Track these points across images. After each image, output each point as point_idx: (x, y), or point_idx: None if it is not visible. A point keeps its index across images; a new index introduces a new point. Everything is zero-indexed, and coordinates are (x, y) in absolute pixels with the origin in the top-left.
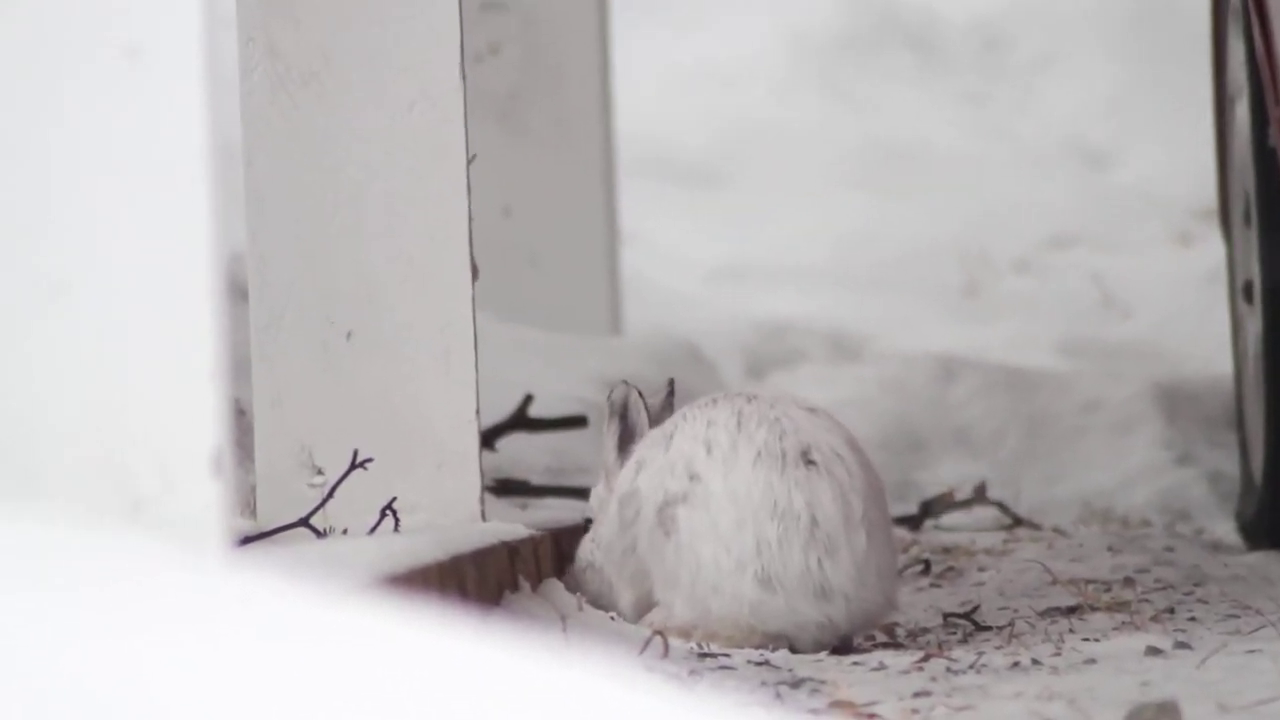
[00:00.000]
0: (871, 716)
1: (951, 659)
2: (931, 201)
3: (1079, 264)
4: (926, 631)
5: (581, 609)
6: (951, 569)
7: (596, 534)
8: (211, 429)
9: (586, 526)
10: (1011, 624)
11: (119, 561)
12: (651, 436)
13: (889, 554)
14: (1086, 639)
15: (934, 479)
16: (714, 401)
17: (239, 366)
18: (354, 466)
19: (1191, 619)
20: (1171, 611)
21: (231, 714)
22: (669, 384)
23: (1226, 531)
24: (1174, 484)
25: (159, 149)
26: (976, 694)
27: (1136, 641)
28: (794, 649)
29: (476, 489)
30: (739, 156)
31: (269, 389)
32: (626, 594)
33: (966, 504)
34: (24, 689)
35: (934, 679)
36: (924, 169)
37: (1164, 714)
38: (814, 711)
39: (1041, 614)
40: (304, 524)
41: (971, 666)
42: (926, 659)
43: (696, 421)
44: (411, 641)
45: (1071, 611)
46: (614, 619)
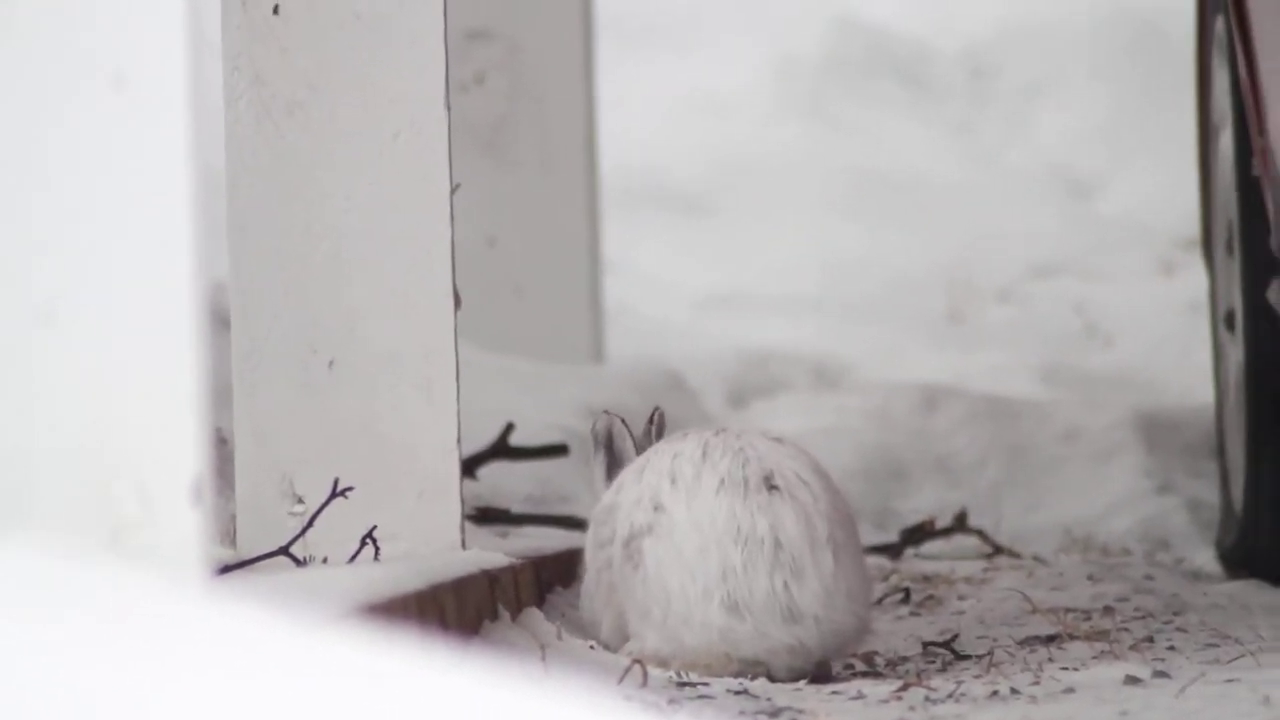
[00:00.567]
0: None
1: (930, 688)
2: (917, 230)
3: (1062, 292)
4: (906, 660)
5: (561, 638)
6: (931, 597)
7: (586, 575)
8: (192, 457)
9: (584, 570)
10: (991, 653)
11: (99, 589)
12: (632, 466)
13: (859, 576)
14: (1065, 668)
15: (915, 507)
16: (684, 436)
17: (220, 395)
18: (334, 495)
19: (1171, 648)
20: (1151, 640)
21: None
22: (655, 412)
23: (1206, 560)
24: (1154, 513)
25: (144, 177)
26: None
27: (1115, 670)
28: (771, 676)
29: (457, 517)
30: (724, 185)
31: (250, 417)
32: (605, 620)
33: (947, 532)
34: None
35: (913, 708)
36: (911, 197)
37: None
38: None
39: (1021, 643)
40: (284, 552)
41: (950, 696)
42: (905, 688)
43: (664, 455)
44: (391, 671)
45: (1051, 640)
46: (593, 648)
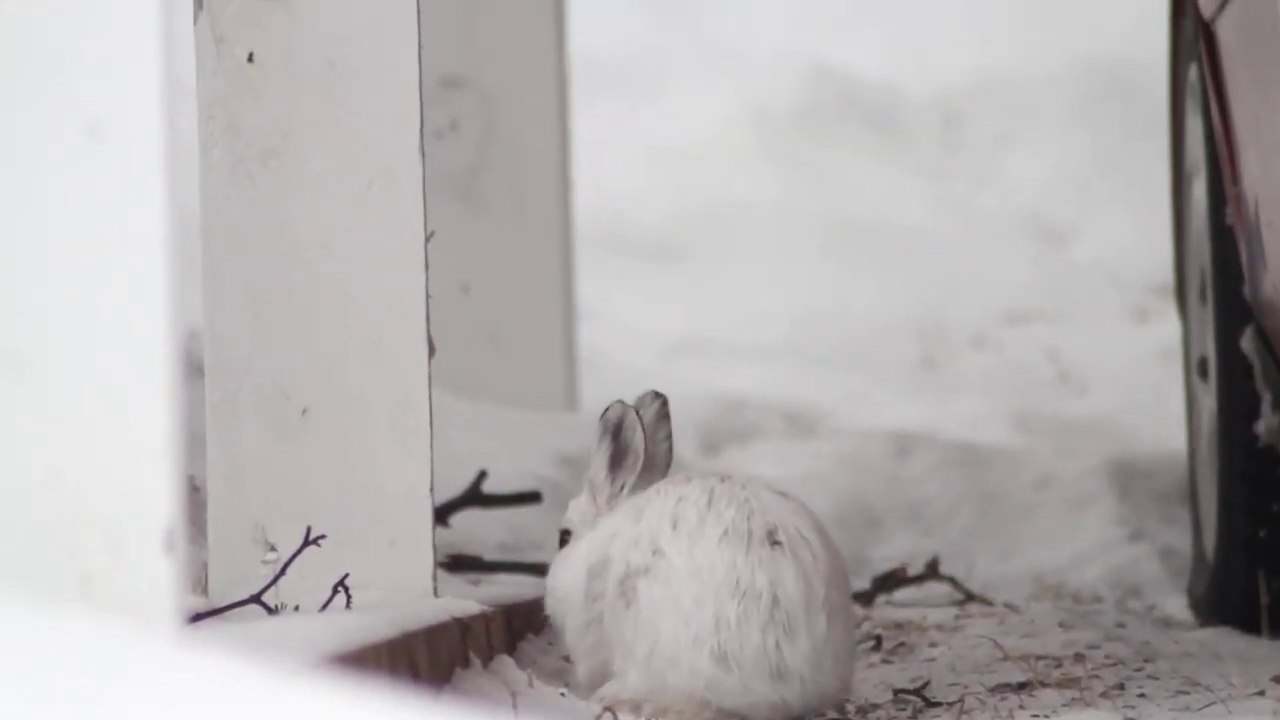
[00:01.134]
0: None
1: None
2: (890, 276)
3: (1035, 339)
4: (877, 707)
5: (532, 685)
6: (903, 644)
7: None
8: (165, 505)
9: (564, 539)
10: (962, 700)
11: (69, 637)
12: (624, 508)
13: (847, 639)
14: (1037, 715)
15: (887, 554)
16: (688, 479)
17: (193, 442)
18: (307, 543)
19: (1141, 695)
20: (1122, 688)
21: None
22: (658, 396)
23: (1178, 608)
24: (1126, 560)
25: (118, 224)
26: None
27: (1087, 718)
28: None
29: (429, 565)
30: (698, 231)
31: (223, 465)
32: (583, 664)
33: (919, 579)
34: None
35: None
36: (883, 244)
37: None
38: None
39: (992, 690)
40: (256, 601)
41: None
42: None
43: (668, 497)
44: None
45: (1022, 688)
46: (564, 695)
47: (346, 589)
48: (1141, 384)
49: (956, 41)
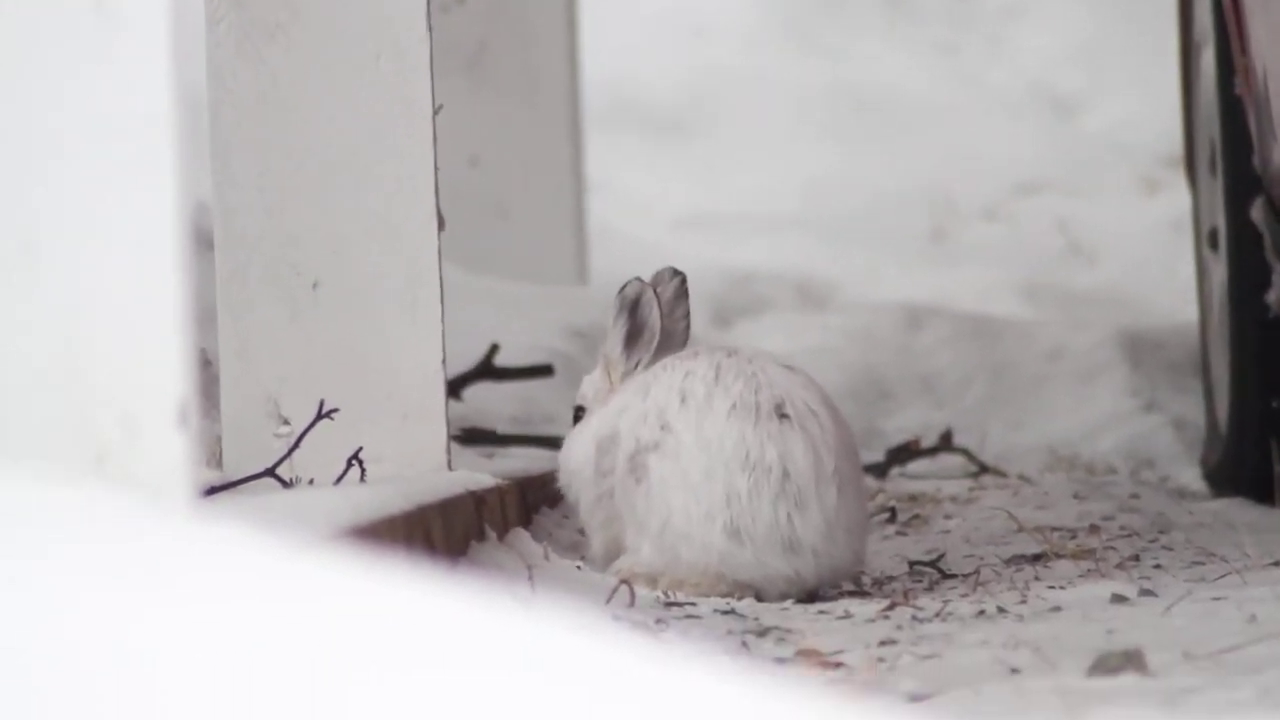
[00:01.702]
0: (837, 665)
1: (917, 607)
2: (900, 150)
3: (1046, 211)
4: (892, 580)
5: (548, 558)
6: (917, 517)
7: (583, 501)
8: (177, 380)
9: (578, 415)
10: (977, 572)
11: (84, 514)
12: (633, 384)
13: (859, 511)
14: (1052, 587)
15: (900, 427)
16: (695, 354)
17: (204, 317)
18: (320, 417)
19: (1157, 566)
20: (1137, 559)
21: (196, 664)
22: (677, 274)
23: (1191, 478)
24: (1139, 431)
25: (125, 100)
26: (942, 642)
27: (1102, 589)
28: (760, 598)
29: (442, 439)
30: (707, 106)
31: (235, 340)
32: (598, 538)
33: (932, 451)
34: None
35: (900, 627)
36: (893, 117)
37: (1129, 661)
38: (780, 660)
39: (1007, 562)
40: (270, 474)
41: (937, 615)
42: (892, 607)
43: (675, 372)
44: (376, 592)
45: (1037, 559)
46: (580, 568)
47: (360, 462)
48: (1152, 255)
49: None
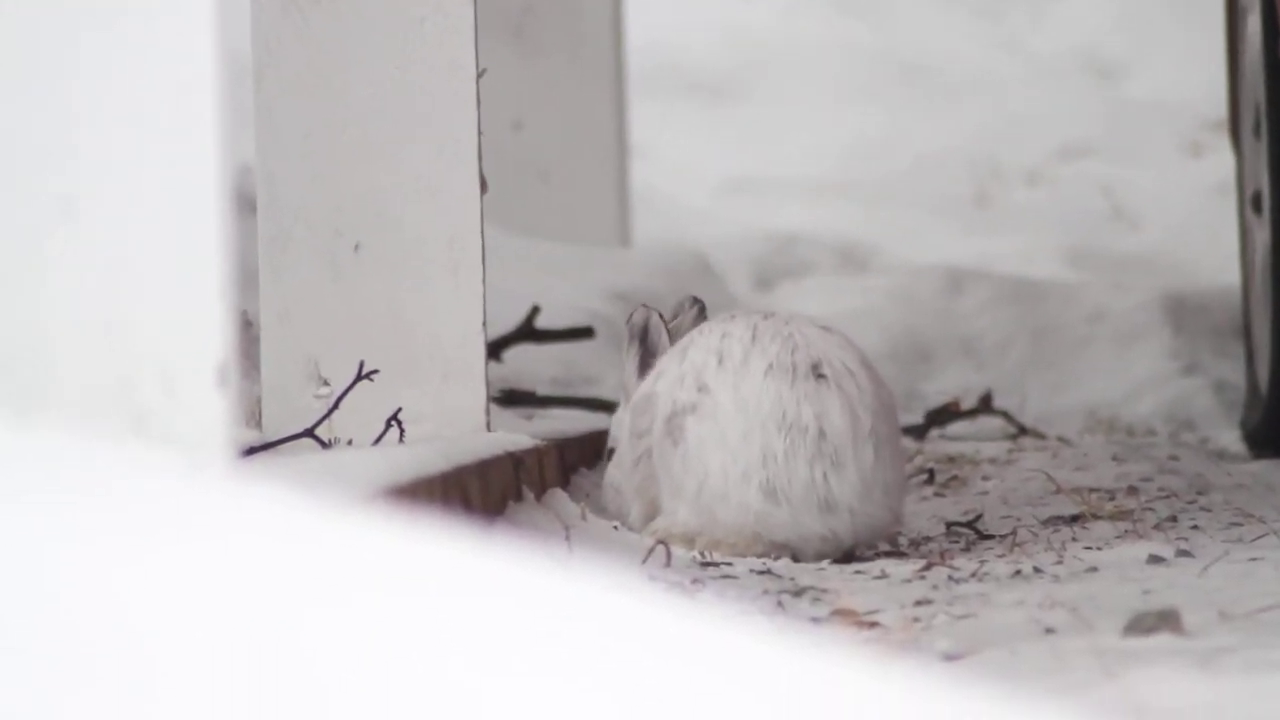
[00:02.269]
0: (873, 625)
1: (954, 567)
2: (943, 114)
3: (1089, 175)
4: (929, 540)
5: (585, 519)
6: (956, 478)
7: (621, 463)
8: (218, 341)
9: (609, 455)
10: (1014, 533)
11: (123, 473)
12: (673, 349)
13: (896, 470)
14: (1089, 547)
15: (940, 389)
16: (731, 317)
17: (246, 278)
18: (360, 378)
19: (1194, 527)
20: (1174, 520)
21: (234, 624)
22: (697, 302)
23: (1231, 440)
24: (1180, 393)
25: (169, 64)
26: (978, 602)
27: (1139, 550)
28: (796, 558)
29: (482, 400)
30: (750, 69)
31: (276, 301)
32: (636, 504)
33: (972, 413)
34: (30, 600)
35: (936, 587)
36: (936, 82)
37: (1165, 622)
38: (816, 620)
39: (1044, 523)
40: (309, 435)
41: (973, 575)
42: (929, 567)
43: (712, 334)
44: (415, 552)
45: (1074, 520)
46: (617, 528)
47: (399, 423)
48: (1195, 218)
49: None
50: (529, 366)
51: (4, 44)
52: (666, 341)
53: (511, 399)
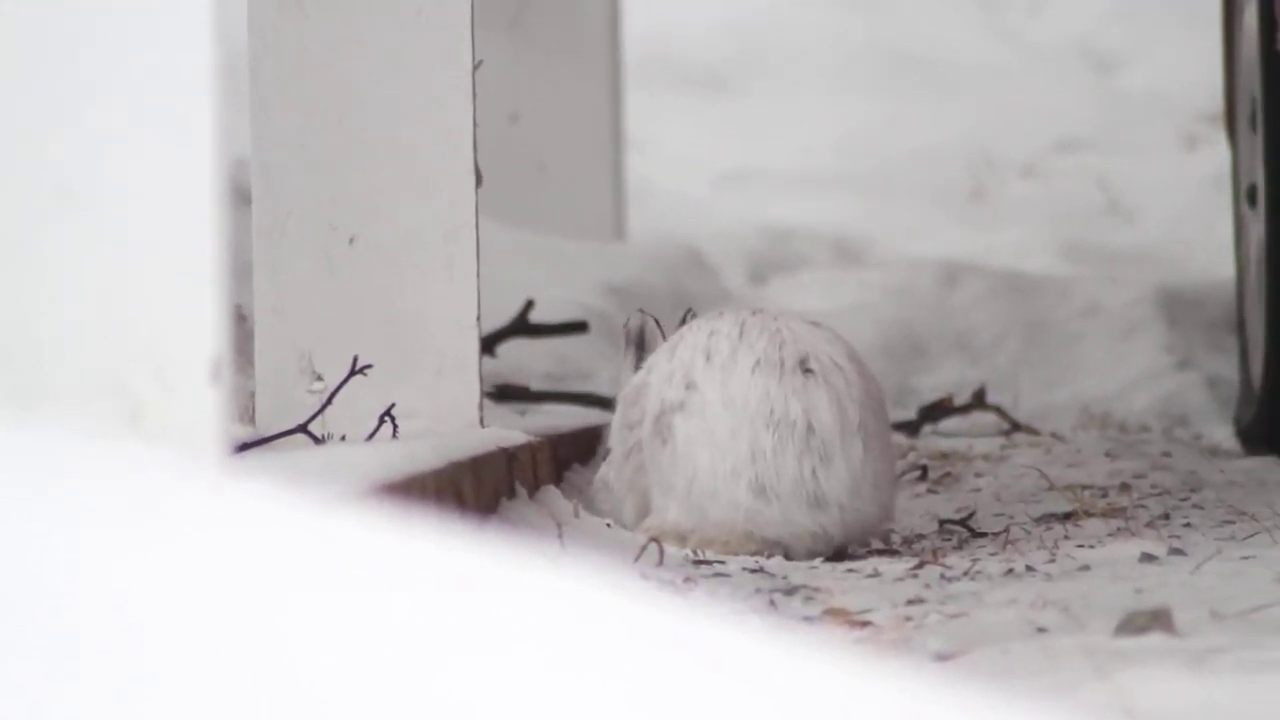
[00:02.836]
0: (865, 624)
1: (946, 566)
2: (939, 106)
3: (1085, 168)
4: (922, 538)
5: (578, 516)
6: (949, 475)
7: (612, 457)
8: (211, 335)
9: (605, 455)
10: (1007, 530)
11: (117, 467)
12: (664, 345)
13: (886, 464)
14: (1081, 545)
15: (934, 384)
16: (720, 314)
17: (240, 272)
18: (354, 373)
19: (1187, 525)
20: (1167, 517)
21: (228, 619)
22: (688, 312)
23: (1224, 437)
24: (1173, 389)
25: (165, 55)
26: (970, 601)
27: (1131, 548)
28: (788, 556)
29: (476, 395)
30: (746, 61)
31: (270, 295)
32: (629, 498)
33: (965, 409)
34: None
35: (928, 586)
36: (932, 73)
37: (1157, 621)
38: (808, 619)
39: (1037, 520)
40: (303, 430)
41: (966, 573)
42: (921, 566)
43: (700, 331)
44: (408, 549)
45: (1067, 517)
46: (610, 526)
47: (393, 419)
48: (1190, 212)
49: None
50: (523, 361)
51: (1, 38)
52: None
53: (505, 394)
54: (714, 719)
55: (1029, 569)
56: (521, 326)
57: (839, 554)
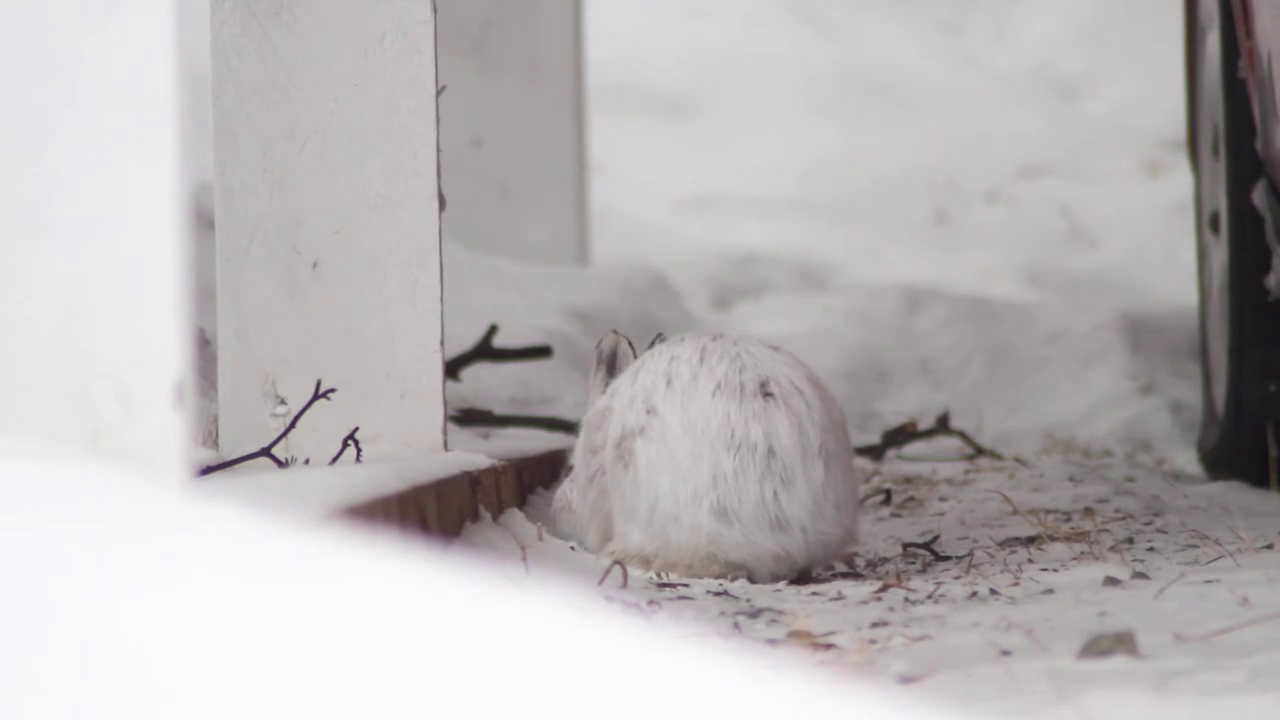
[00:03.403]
0: (829, 646)
1: (910, 589)
2: (902, 132)
3: (1048, 194)
4: (886, 561)
5: (542, 539)
6: (912, 499)
7: (576, 479)
8: (174, 358)
9: (567, 473)
10: (971, 554)
11: (79, 491)
12: (627, 370)
13: (848, 487)
14: (1045, 569)
15: (897, 408)
16: (682, 340)
17: (204, 296)
18: (317, 396)
19: (1150, 549)
20: (1130, 542)
21: (188, 643)
22: (657, 337)
23: (1188, 461)
24: (1137, 414)
25: (128, 78)
26: (934, 624)
27: (1095, 572)
28: (752, 579)
29: (440, 419)
30: (709, 87)
31: (233, 318)
32: (592, 522)
33: (929, 434)
34: None
35: (892, 609)
36: (895, 99)
37: (1121, 644)
38: (772, 641)
39: (1001, 544)
40: (266, 454)
41: (930, 597)
42: (885, 589)
43: (661, 357)
44: (371, 572)
45: (1031, 541)
46: (574, 549)
47: (356, 442)
48: (1153, 238)
49: None
50: (487, 385)
51: None
52: None
53: (469, 418)
54: None
55: (993, 592)
56: (485, 351)
57: (803, 577)
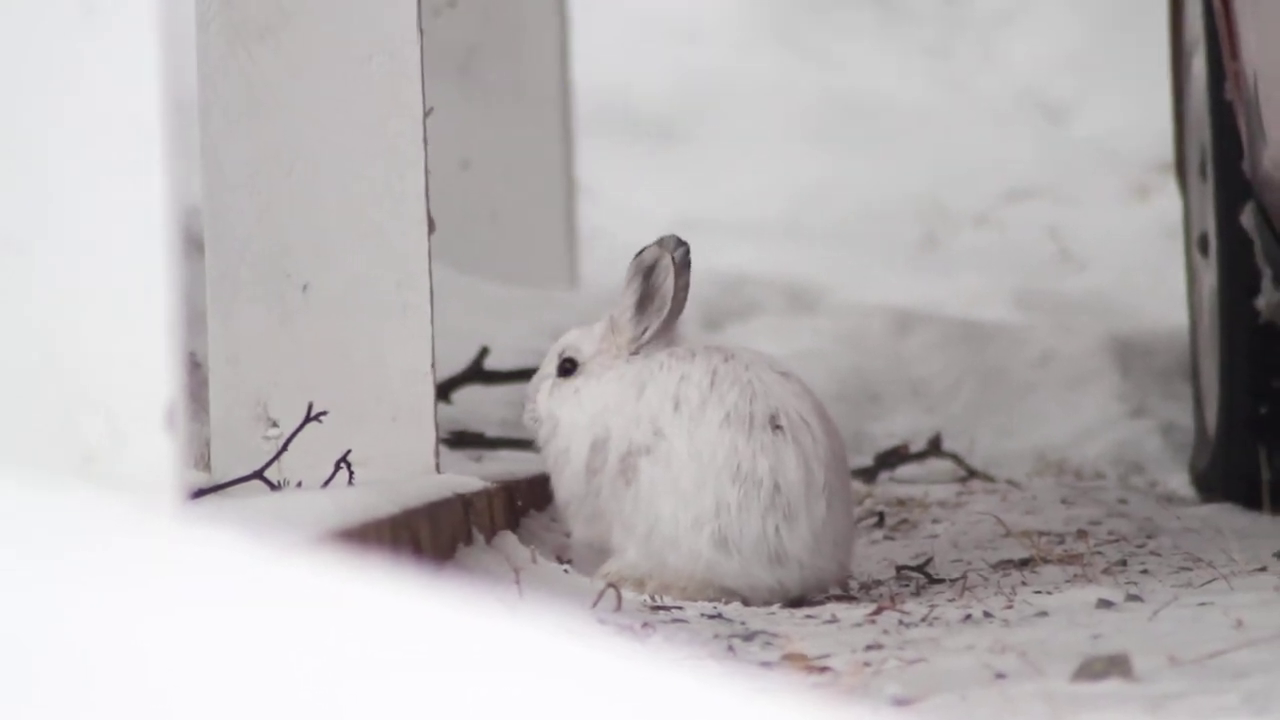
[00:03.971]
0: (824, 669)
1: (904, 612)
2: (890, 155)
3: (1036, 217)
4: (879, 584)
5: (535, 561)
6: (905, 521)
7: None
8: (165, 382)
9: (566, 368)
10: (964, 576)
11: (71, 515)
12: (626, 379)
13: (847, 522)
14: (1039, 591)
15: (889, 431)
16: (692, 355)
17: (194, 320)
18: (309, 419)
19: (1144, 571)
20: (1124, 564)
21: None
22: (682, 244)
23: (1180, 484)
24: (1128, 436)
25: (115, 102)
26: (928, 647)
27: (1088, 594)
28: (746, 603)
29: (431, 441)
30: (697, 110)
31: (224, 342)
32: (581, 530)
33: (921, 456)
34: None
35: (886, 632)
36: (883, 123)
37: (1115, 666)
38: (766, 664)
39: (994, 566)
40: (258, 477)
41: (924, 619)
42: (879, 612)
43: (670, 374)
44: (364, 596)
45: (1024, 564)
46: (567, 571)
47: (349, 465)
48: (1142, 261)
49: None
50: (478, 408)
51: None
52: (670, 285)
53: (460, 440)
54: None
55: (987, 615)
56: (476, 373)
57: (797, 600)
